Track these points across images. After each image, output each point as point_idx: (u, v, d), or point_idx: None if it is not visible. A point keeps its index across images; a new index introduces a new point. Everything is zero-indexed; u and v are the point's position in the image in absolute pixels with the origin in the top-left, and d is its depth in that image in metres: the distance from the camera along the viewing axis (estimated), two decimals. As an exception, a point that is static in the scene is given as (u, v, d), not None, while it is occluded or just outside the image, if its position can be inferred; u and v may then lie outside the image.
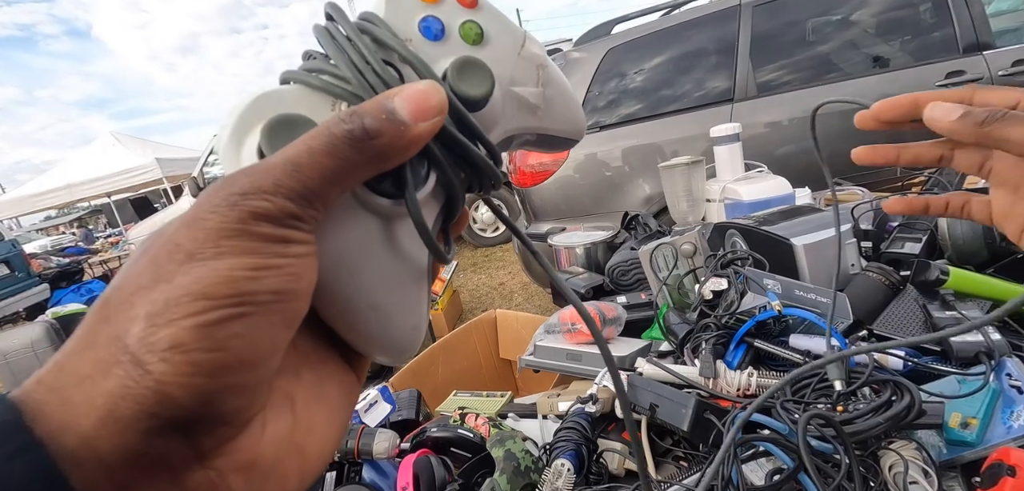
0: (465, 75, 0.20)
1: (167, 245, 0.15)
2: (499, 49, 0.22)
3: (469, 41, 0.22)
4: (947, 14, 2.21)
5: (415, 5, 0.21)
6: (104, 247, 10.93)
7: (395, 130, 0.17)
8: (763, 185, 1.30)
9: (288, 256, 0.16)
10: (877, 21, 2.37)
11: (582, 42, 2.61)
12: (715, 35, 2.39)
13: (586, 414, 0.78)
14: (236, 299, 0.15)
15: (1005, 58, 2.14)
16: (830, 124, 2.27)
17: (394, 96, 0.17)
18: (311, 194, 0.16)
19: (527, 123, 0.23)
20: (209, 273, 0.15)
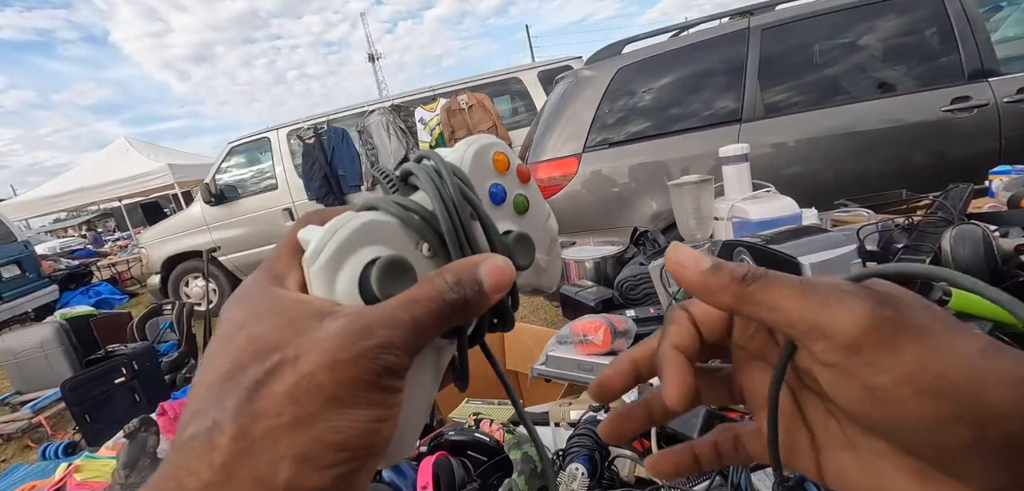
0: (520, 247, 0.24)
1: (309, 380, 0.16)
2: (535, 220, 0.26)
3: (518, 210, 0.25)
4: (953, 40, 2.24)
5: (489, 171, 0.25)
6: (113, 250, 11.06)
7: (479, 298, 0.20)
8: (771, 205, 1.33)
9: (396, 406, 0.18)
10: (883, 46, 2.41)
11: (593, 61, 2.66)
12: (724, 57, 2.44)
13: (598, 422, 0.80)
14: (365, 451, 0.17)
15: (1010, 85, 2.17)
16: (834, 147, 2.32)
17: (479, 265, 0.20)
18: (420, 348, 0.19)
19: (531, 280, 0.26)
20: (348, 425, 0.16)
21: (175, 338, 3.97)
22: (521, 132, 4.87)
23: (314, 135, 5.00)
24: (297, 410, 0.16)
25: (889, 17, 2.39)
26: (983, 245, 0.84)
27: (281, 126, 5.17)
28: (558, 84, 2.93)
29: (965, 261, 0.84)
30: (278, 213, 5.15)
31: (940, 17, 2.28)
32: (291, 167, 5.10)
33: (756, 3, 2.53)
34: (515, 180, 0.25)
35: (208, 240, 5.01)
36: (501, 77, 5.21)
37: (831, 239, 0.95)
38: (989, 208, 1.33)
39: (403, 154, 5.01)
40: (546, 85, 4.88)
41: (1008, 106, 2.16)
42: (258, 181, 5.31)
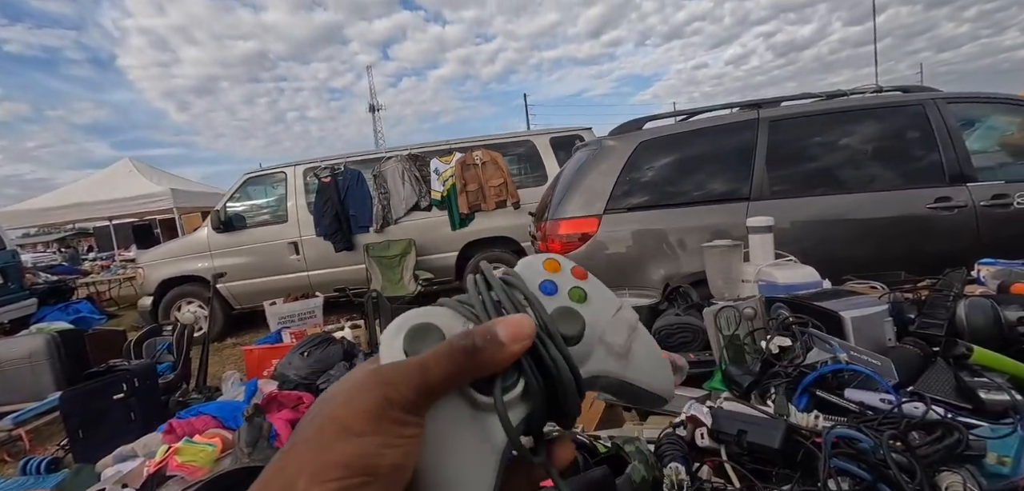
0: (564, 317, 0.26)
1: (331, 417, 0.21)
2: (597, 309, 0.28)
3: (574, 299, 0.28)
4: (935, 147, 2.55)
5: (540, 270, 0.29)
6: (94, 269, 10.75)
7: (495, 347, 0.23)
8: (795, 271, 1.51)
9: (403, 437, 0.21)
10: (875, 146, 2.71)
11: (616, 133, 2.91)
12: (736, 141, 2.70)
13: (678, 436, 0.92)
14: (365, 471, 0.19)
15: (986, 191, 2.46)
16: (830, 232, 2.54)
17: (498, 322, 0.23)
18: (430, 388, 0.22)
19: (613, 367, 0.27)
20: (352, 449, 0.20)
21: (171, 359, 3.91)
22: (529, 191, 5.10)
23: (330, 175, 5.15)
24: (319, 438, 0.20)
25: (879, 122, 2.70)
26: (993, 314, 1.02)
27: (299, 163, 5.32)
28: (578, 150, 3.17)
29: (977, 326, 1.01)
30: (284, 246, 5.20)
31: (924, 126, 2.60)
32: (303, 203, 5.21)
33: (764, 98, 2.84)
34: (569, 277, 0.29)
35: (210, 266, 5.01)
36: (514, 139, 5.51)
37: (864, 300, 1.12)
38: (982, 293, 1.52)
39: (415, 201, 5.17)
40: (557, 150, 5.17)
41: (985, 209, 2.44)
42: (268, 213, 5.39)
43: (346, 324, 3.51)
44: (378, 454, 0.20)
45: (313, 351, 2.93)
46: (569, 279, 0.29)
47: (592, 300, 0.28)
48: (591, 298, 0.28)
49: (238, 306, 5.32)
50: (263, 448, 0.93)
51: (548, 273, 0.29)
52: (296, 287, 5.08)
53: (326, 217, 5.09)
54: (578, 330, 0.26)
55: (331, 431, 0.20)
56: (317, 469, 0.19)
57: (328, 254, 5.16)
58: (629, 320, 0.29)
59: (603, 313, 0.28)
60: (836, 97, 2.86)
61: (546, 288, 0.28)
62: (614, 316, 0.28)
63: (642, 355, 0.29)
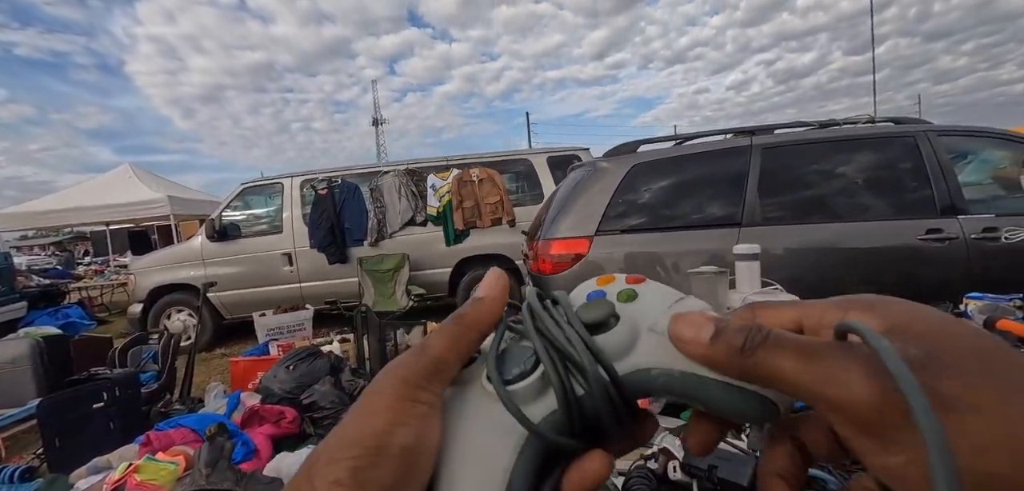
0: (587, 308, 0.25)
1: (357, 403, 0.22)
2: (647, 303, 0.25)
3: (621, 300, 0.25)
4: (926, 179, 2.55)
5: (591, 285, 0.28)
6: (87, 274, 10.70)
7: (475, 304, 0.25)
8: (781, 299, 1.49)
9: (414, 415, 0.21)
10: (865, 176, 2.71)
11: (611, 155, 2.92)
12: (728, 167, 2.71)
13: (648, 470, 0.90)
14: (376, 448, 0.20)
15: (976, 224, 2.46)
16: (821, 260, 2.53)
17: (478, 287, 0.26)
18: (435, 361, 0.23)
19: (675, 361, 0.22)
20: (361, 427, 0.21)
21: (156, 369, 3.86)
22: (526, 209, 5.10)
23: (327, 187, 5.15)
24: (345, 422, 0.21)
25: (871, 152, 2.71)
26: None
27: (296, 174, 5.33)
28: (573, 171, 3.18)
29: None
30: (277, 257, 5.18)
31: (915, 157, 2.60)
32: (299, 215, 5.20)
33: (758, 125, 2.86)
34: (622, 284, 0.27)
35: (202, 275, 4.98)
36: (512, 157, 5.53)
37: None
38: (968, 327, 1.51)
39: (410, 215, 5.17)
40: (555, 169, 5.18)
41: (975, 241, 2.43)
42: (263, 224, 5.38)
43: (335, 338, 3.48)
44: (389, 433, 0.20)
45: (299, 365, 2.89)
46: (621, 286, 0.27)
47: (642, 297, 0.26)
48: (641, 296, 0.26)
49: (229, 316, 5.28)
50: (222, 469, 0.90)
51: (598, 287, 0.28)
52: (288, 299, 5.05)
53: (321, 229, 5.08)
54: (604, 314, 0.24)
55: (353, 414, 0.21)
56: (334, 448, 0.20)
57: (321, 266, 5.14)
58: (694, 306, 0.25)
59: (657, 305, 0.25)
60: (829, 126, 2.88)
61: (593, 297, 0.26)
62: (672, 306, 0.24)
63: None
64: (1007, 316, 1.40)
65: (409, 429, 0.21)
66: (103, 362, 3.80)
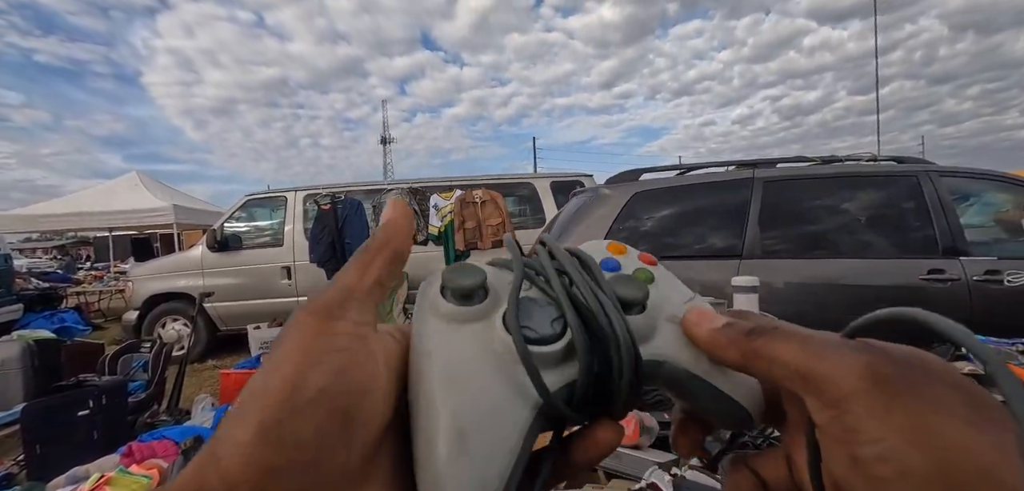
0: (623, 282, 0.23)
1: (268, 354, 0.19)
2: (665, 292, 0.24)
3: (640, 279, 0.24)
4: (929, 219, 2.54)
5: (602, 250, 0.27)
6: (86, 279, 10.71)
7: (380, 230, 0.23)
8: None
9: (332, 349, 0.18)
10: (867, 213, 2.70)
11: (613, 182, 2.92)
12: (730, 199, 2.70)
13: (637, 504, 0.86)
14: (285, 399, 0.16)
15: (978, 266, 2.43)
16: (822, 296, 2.50)
17: None
18: (350, 288, 0.20)
19: (684, 356, 0.22)
20: (272, 376, 0.17)
21: (146, 377, 3.81)
22: (528, 232, 5.10)
23: (331, 202, 5.18)
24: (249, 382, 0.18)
25: (873, 190, 2.70)
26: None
27: (300, 188, 5.36)
28: (576, 196, 3.17)
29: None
30: (276, 269, 5.17)
31: (918, 197, 2.59)
32: (301, 229, 5.21)
33: (760, 159, 2.86)
34: (635, 260, 0.26)
35: (201, 285, 4.97)
36: (516, 180, 5.56)
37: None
38: (969, 371, 1.47)
39: (410, 234, 5.17)
40: (557, 194, 5.20)
41: (978, 283, 2.40)
42: (264, 236, 5.38)
43: (328, 354, 3.44)
44: (300, 375, 0.17)
45: (290, 380, 2.85)
46: (634, 262, 0.26)
47: (660, 283, 0.25)
48: (659, 281, 0.25)
49: (224, 327, 5.25)
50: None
51: (611, 254, 0.26)
52: (284, 312, 5.02)
53: (322, 244, 5.08)
54: (640, 295, 0.23)
55: (261, 367, 0.18)
56: (242, 409, 0.17)
57: (320, 281, 5.12)
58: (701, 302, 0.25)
59: (673, 297, 0.24)
60: (831, 162, 2.88)
61: (608, 265, 0.25)
62: (687, 302, 0.24)
63: None
64: (1011, 361, 1.37)
65: (325, 368, 0.17)
66: (93, 368, 3.76)
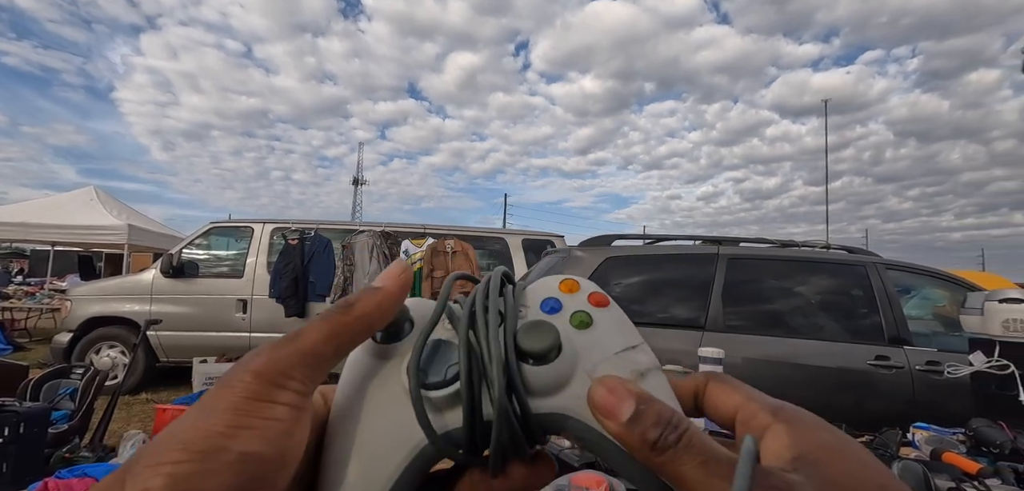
0: (531, 330, 0.21)
1: (197, 401, 0.18)
2: (598, 338, 0.22)
3: (573, 324, 0.23)
4: (875, 307, 2.70)
5: (551, 288, 0.25)
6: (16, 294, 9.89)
7: (369, 294, 0.21)
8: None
9: (268, 418, 0.17)
10: (821, 297, 2.85)
11: (586, 245, 3.00)
12: (696, 271, 2.81)
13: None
14: (204, 452, 0.16)
15: (921, 356, 2.58)
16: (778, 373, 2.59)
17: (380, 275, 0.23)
18: (303, 354, 0.19)
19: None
20: (199, 424, 0.16)
21: (72, 407, 3.49)
22: (495, 288, 5.10)
23: (299, 238, 5.06)
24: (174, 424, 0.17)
25: (826, 276, 2.87)
26: (924, 480, 1.01)
27: (268, 220, 5.23)
28: (548, 255, 3.23)
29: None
30: (232, 302, 4.95)
31: (866, 286, 2.76)
32: (264, 262, 5.05)
33: (726, 236, 3.01)
34: (583, 301, 0.24)
35: (148, 311, 4.68)
36: (488, 234, 5.61)
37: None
38: (915, 457, 1.54)
39: (378, 278, 5.08)
40: (527, 251, 5.26)
41: (920, 373, 2.54)
42: (224, 266, 5.18)
43: (279, 395, 3.26)
44: (226, 435, 0.16)
45: (235, 420, 2.67)
46: (581, 303, 0.24)
47: (597, 327, 0.23)
48: (597, 325, 0.23)
49: (165, 358, 4.92)
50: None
51: (559, 292, 0.24)
52: (234, 347, 4.76)
53: (284, 279, 4.92)
54: (544, 345, 0.21)
55: (190, 411, 0.17)
56: (157, 449, 0.16)
57: (276, 318, 4.92)
58: (638, 363, 0.22)
59: (605, 345, 0.22)
60: (789, 246, 3.05)
61: (548, 305, 0.24)
62: (619, 353, 0.22)
63: None
64: (951, 449, 1.44)
65: (255, 434, 0.17)
66: (13, 392, 3.42)
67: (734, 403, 0.21)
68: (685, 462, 0.18)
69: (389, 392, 0.21)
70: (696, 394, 0.23)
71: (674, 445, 0.18)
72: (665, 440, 0.18)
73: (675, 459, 0.18)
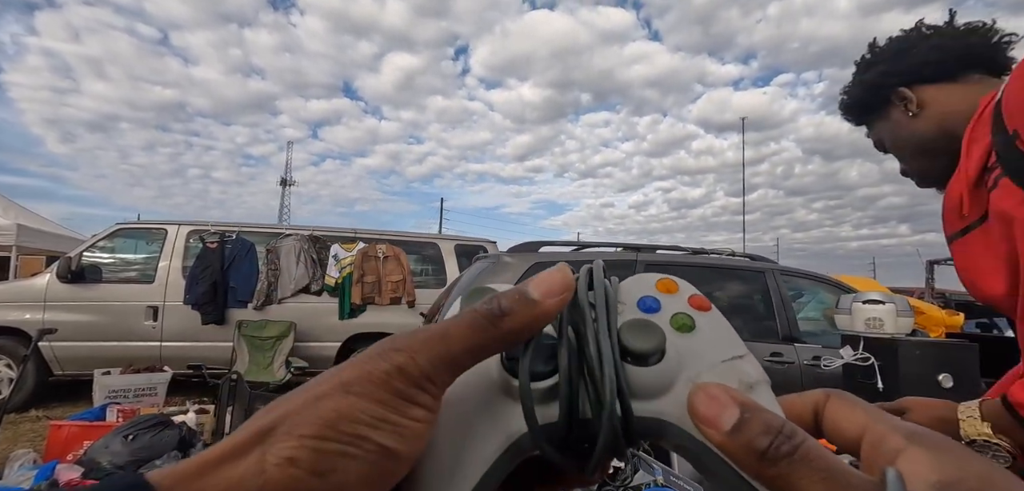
0: (635, 328, 0.21)
1: (336, 373, 0.18)
2: (701, 345, 0.21)
3: (675, 326, 0.22)
4: (771, 309, 3.02)
5: (648, 286, 0.24)
6: None
7: (525, 306, 0.19)
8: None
9: (409, 418, 0.18)
10: (728, 301, 3.14)
11: (514, 251, 3.10)
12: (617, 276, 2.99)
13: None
14: (349, 437, 0.16)
15: (808, 352, 2.92)
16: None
17: (530, 281, 0.20)
18: (451, 359, 0.18)
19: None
20: (343, 407, 0.17)
21: (-59, 431, 3.09)
22: (428, 292, 5.09)
23: (219, 241, 4.78)
24: (316, 389, 0.17)
25: (733, 281, 3.17)
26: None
27: (184, 222, 4.89)
28: (478, 260, 3.30)
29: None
30: (141, 309, 4.58)
31: (764, 290, 3.08)
32: (178, 266, 4.71)
33: (643, 244, 3.23)
34: (683, 302, 0.23)
35: (41, 320, 4.22)
36: (421, 240, 5.58)
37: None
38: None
39: (306, 283, 4.91)
40: (460, 257, 5.30)
41: (806, 367, 2.87)
42: (132, 270, 4.78)
43: (192, 407, 3.08)
44: (370, 424, 0.17)
45: (140, 435, 2.50)
46: (681, 304, 0.23)
47: (700, 332, 0.22)
48: (699, 330, 0.22)
49: (60, 371, 4.46)
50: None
51: (656, 291, 0.24)
52: (143, 358, 4.40)
53: (201, 285, 4.62)
54: (648, 346, 0.20)
55: (329, 385, 0.17)
56: (298, 418, 0.16)
57: (192, 326, 4.61)
58: (746, 374, 0.21)
59: (709, 352, 0.21)
60: (700, 253, 3.33)
61: (647, 304, 0.23)
62: (725, 362, 0.21)
63: None
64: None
65: (396, 432, 0.17)
66: None
67: (859, 423, 0.20)
68: (802, 476, 0.16)
69: (486, 381, 0.21)
70: (815, 411, 0.21)
71: (788, 457, 0.16)
72: (777, 450, 0.17)
73: (790, 472, 0.16)
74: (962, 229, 0.73)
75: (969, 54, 0.79)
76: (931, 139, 0.80)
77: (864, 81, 0.90)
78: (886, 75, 0.85)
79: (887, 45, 0.88)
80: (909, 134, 0.84)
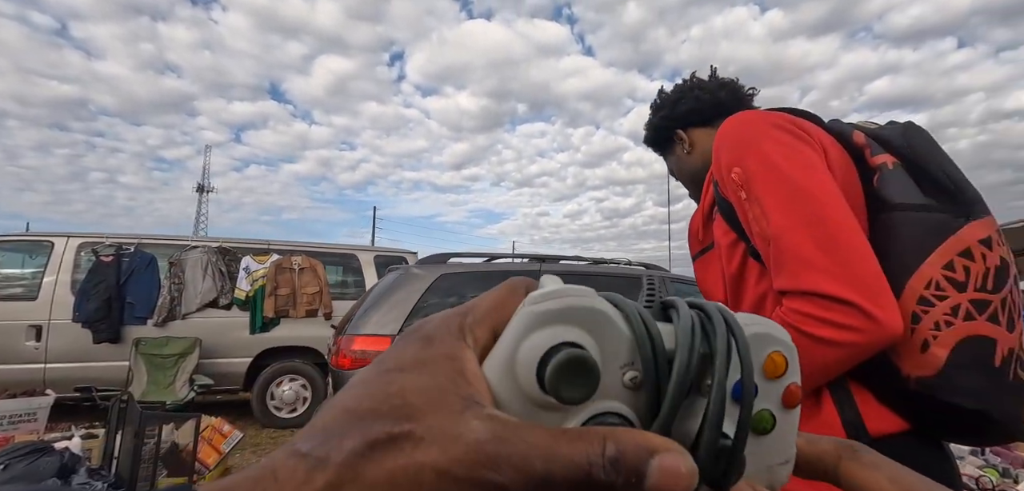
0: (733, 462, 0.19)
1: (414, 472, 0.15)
2: (769, 452, 0.21)
3: (756, 429, 0.20)
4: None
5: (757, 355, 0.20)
6: None
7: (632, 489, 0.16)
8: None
9: None
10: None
11: (423, 263, 3.22)
12: (519, 286, 3.21)
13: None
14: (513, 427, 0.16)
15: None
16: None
17: (656, 454, 0.16)
18: None
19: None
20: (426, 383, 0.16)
21: None
22: (346, 303, 5.06)
23: (115, 254, 4.48)
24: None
25: (628, 289, 3.48)
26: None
27: (75, 234, 4.53)
28: (389, 272, 3.38)
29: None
30: (21, 329, 4.18)
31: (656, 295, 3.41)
32: (66, 281, 4.36)
33: (548, 254, 3.47)
34: (776, 394, 0.21)
35: None
36: (340, 251, 5.52)
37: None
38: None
39: (213, 297, 4.71)
40: (380, 268, 5.31)
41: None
42: (12, 287, 4.36)
43: (78, 432, 2.90)
44: None
45: (14, 464, 2.34)
46: (774, 398, 0.21)
47: (774, 438, 0.21)
48: (775, 435, 0.21)
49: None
50: None
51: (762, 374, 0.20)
52: (23, 382, 4.01)
53: (94, 301, 4.30)
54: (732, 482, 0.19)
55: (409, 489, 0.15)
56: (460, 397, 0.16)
57: (81, 345, 4.28)
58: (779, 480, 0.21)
59: (767, 454, 0.21)
60: (600, 263, 3.62)
61: (737, 392, 0.20)
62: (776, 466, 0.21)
63: None
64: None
65: None
66: None
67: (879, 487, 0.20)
68: None
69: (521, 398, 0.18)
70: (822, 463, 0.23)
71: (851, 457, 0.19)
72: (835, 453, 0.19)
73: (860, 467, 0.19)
74: (699, 251, 0.96)
75: (720, 104, 1.02)
76: (701, 171, 0.98)
77: (653, 122, 1.12)
78: (667, 119, 1.08)
79: (669, 94, 1.10)
80: (686, 167, 1.07)
